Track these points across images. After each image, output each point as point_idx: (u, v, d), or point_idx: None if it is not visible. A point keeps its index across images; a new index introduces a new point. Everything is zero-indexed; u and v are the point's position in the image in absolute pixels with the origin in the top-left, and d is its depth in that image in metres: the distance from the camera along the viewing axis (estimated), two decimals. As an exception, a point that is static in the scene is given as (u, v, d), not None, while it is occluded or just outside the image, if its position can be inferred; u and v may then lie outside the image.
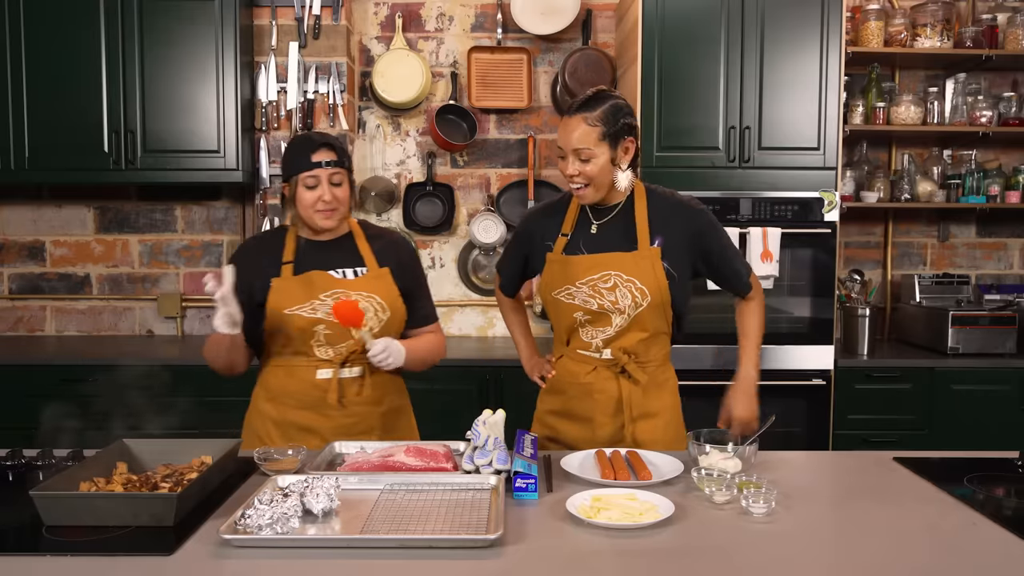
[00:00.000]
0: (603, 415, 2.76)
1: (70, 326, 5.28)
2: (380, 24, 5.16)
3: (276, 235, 2.82)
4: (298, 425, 2.73)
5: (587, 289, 2.69)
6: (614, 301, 2.67)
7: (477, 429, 2.24)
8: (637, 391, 2.75)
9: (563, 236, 2.78)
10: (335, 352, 2.69)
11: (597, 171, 2.62)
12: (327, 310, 2.63)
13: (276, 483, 2.10)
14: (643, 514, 1.97)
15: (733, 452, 2.34)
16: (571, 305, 2.73)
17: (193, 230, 5.22)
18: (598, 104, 2.62)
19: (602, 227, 2.75)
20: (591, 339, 2.75)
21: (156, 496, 1.94)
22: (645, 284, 2.65)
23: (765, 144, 4.39)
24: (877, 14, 4.73)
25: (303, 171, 2.62)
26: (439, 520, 1.94)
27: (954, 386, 4.47)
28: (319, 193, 2.62)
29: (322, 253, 2.75)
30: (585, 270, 2.70)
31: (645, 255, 2.67)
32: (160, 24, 4.56)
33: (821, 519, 2.09)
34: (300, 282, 2.67)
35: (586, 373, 2.78)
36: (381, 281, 2.74)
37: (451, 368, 4.38)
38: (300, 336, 2.66)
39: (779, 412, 2.74)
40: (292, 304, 2.64)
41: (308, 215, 2.67)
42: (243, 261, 2.70)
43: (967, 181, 4.96)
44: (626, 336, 2.72)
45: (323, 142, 2.66)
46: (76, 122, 4.57)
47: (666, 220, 2.72)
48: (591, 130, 2.60)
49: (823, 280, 4.43)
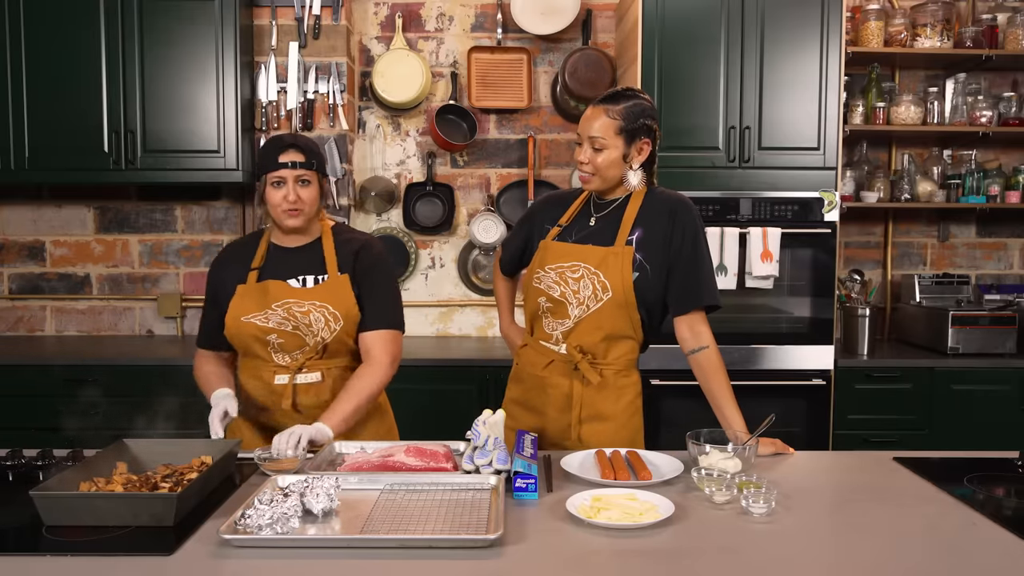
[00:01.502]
0: (554, 410, 2.78)
1: (70, 326, 5.28)
2: (380, 24, 5.16)
3: (252, 240, 2.87)
4: (264, 426, 2.79)
5: (554, 275, 2.72)
6: (576, 291, 2.69)
7: (477, 429, 2.24)
8: (589, 391, 2.75)
9: (558, 226, 2.82)
10: (291, 359, 2.72)
11: (606, 163, 2.67)
12: (278, 320, 2.66)
13: (276, 483, 2.10)
14: (643, 514, 1.97)
15: (733, 452, 2.34)
16: (538, 289, 2.77)
17: (193, 230, 5.22)
18: (623, 100, 2.67)
19: (600, 220, 2.77)
20: (552, 331, 2.78)
21: (156, 496, 1.94)
22: (608, 279, 2.66)
23: (765, 144, 4.39)
24: (877, 14, 4.73)
25: (270, 171, 2.66)
26: (439, 520, 1.94)
27: (954, 386, 4.47)
28: (284, 192, 2.65)
29: (289, 259, 2.78)
30: (557, 256, 2.74)
31: (617, 252, 2.68)
32: (160, 24, 4.55)
33: (821, 519, 2.09)
34: (257, 290, 2.72)
35: (543, 366, 2.81)
36: (338, 289, 2.72)
37: (451, 368, 4.39)
38: (255, 342, 2.70)
39: (779, 412, 2.74)
40: (247, 312, 2.69)
41: (276, 214, 2.70)
42: (217, 271, 2.85)
43: (967, 181, 4.96)
44: (584, 332, 2.72)
45: (291, 143, 2.68)
46: (76, 122, 4.57)
47: (651, 213, 2.73)
48: (610, 122, 2.65)
49: (823, 280, 4.44)
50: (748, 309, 4.45)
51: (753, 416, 2.60)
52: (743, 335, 4.43)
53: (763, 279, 4.34)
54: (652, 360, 4.16)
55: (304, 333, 2.68)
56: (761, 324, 4.46)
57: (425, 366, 4.39)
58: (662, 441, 4.20)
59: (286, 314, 2.66)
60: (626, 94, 2.68)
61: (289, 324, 2.66)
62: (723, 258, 4.32)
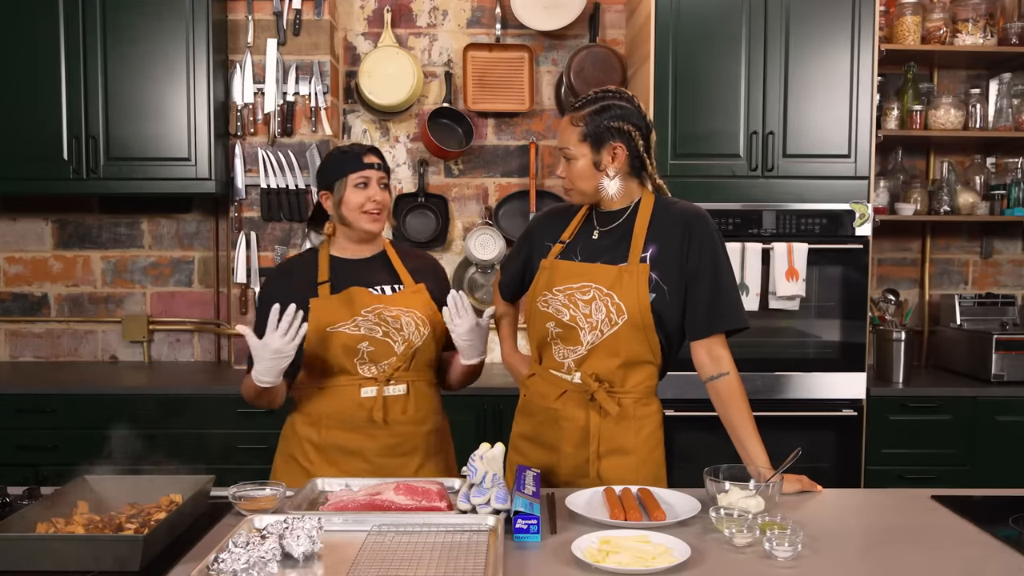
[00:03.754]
0: (569, 445, 2.76)
1: (26, 351, 5.28)
2: (367, 19, 5.19)
3: (308, 257, 2.98)
4: (342, 448, 2.82)
5: (563, 297, 2.72)
6: (587, 314, 2.68)
7: (474, 464, 2.25)
8: (607, 423, 2.73)
9: (560, 243, 2.84)
10: (379, 370, 2.81)
11: (577, 174, 2.71)
12: (369, 326, 2.77)
13: (252, 524, 2.11)
14: (656, 558, 1.97)
15: (755, 490, 2.34)
16: (545, 314, 2.77)
17: (161, 245, 5.23)
18: (588, 104, 2.71)
19: (604, 235, 2.78)
20: (563, 359, 2.76)
21: (120, 538, 1.95)
22: (623, 300, 2.65)
23: (790, 151, 4.41)
24: (914, 8, 4.75)
25: (355, 171, 2.82)
26: (432, 565, 1.94)
27: (998, 417, 4.48)
28: (370, 193, 2.83)
29: (358, 271, 2.92)
30: (565, 277, 2.74)
31: (632, 270, 2.67)
32: (125, 19, 4.58)
33: (852, 563, 2.09)
34: (340, 300, 2.82)
35: (555, 397, 2.78)
36: (419, 296, 2.90)
37: (445, 397, 4.38)
38: (343, 354, 2.78)
39: (806, 445, 2.74)
40: (334, 322, 2.78)
41: (355, 217, 2.84)
42: (277, 287, 2.90)
43: (1012, 191, 4.97)
44: (598, 359, 2.71)
45: (371, 148, 2.89)
46: (32, 127, 4.58)
47: (664, 227, 2.72)
48: (574, 130, 2.70)
49: (854, 301, 4.45)
50: (772, 332, 4.46)
51: (778, 450, 2.60)
52: (766, 361, 4.44)
53: (788, 299, 4.35)
54: (667, 389, 4.14)
55: (395, 340, 2.79)
56: (786, 349, 4.47)
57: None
58: (677, 477, 4.15)
59: (377, 319, 2.79)
60: (595, 96, 2.72)
61: (380, 330, 2.78)
62: (744, 276, 4.33)
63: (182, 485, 2.34)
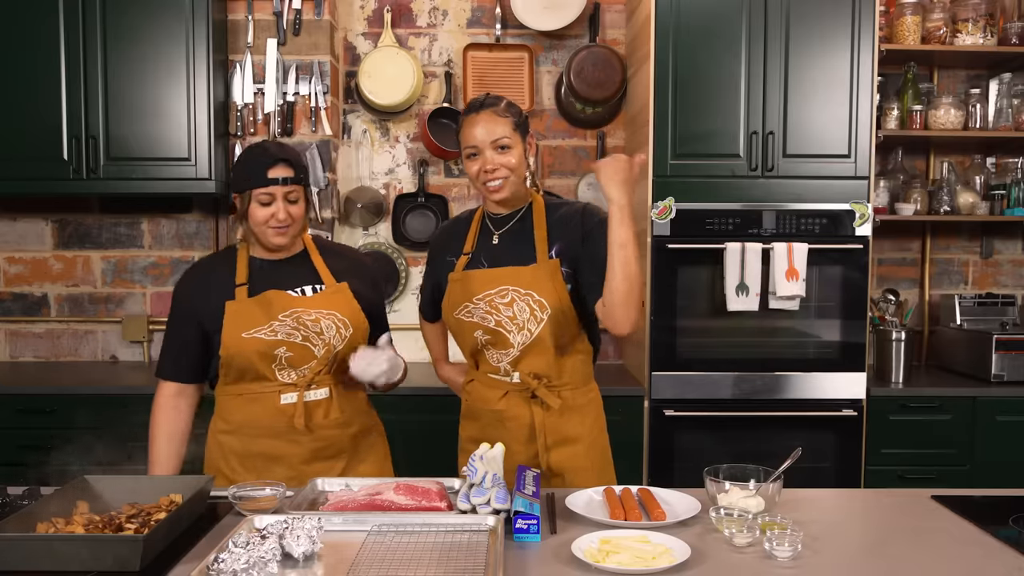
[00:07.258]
0: (517, 443, 2.84)
1: (26, 351, 5.28)
2: (367, 19, 5.20)
3: (226, 256, 2.89)
4: (265, 455, 2.78)
5: (484, 305, 2.80)
6: (512, 317, 2.77)
7: (474, 465, 2.25)
8: (551, 416, 2.84)
9: (464, 255, 2.91)
10: (298, 375, 2.74)
11: (518, 161, 2.79)
12: (287, 331, 2.70)
13: (252, 524, 2.11)
14: (656, 558, 1.98)
15: (755, 490, 2.34)
16: (471, 323, 2.84)
17: (161, 246, 5.23)
18: (499, 100, 2.83)
19: (503, 237, 2.87)
20: (498, 362, 2.86)
21: (121, 538, 1.95)
22: (544, 296, 2.75)
23: (790, 151, 4.41)
24: (914, 8, 4.75)
25: (258, 187, 2.68)
26: (432, 565, 1.95)
27: (999, 417, 4.48)
28: (273, 211, 2.69)
29: (277, 272, 2.82)
30: (482, 284, 2.81)
31: (543, 267, 2.77)
32: (125, 20, 4.57)
33: (852, 563, 2.09)
34: (257, 303, 2.74)
35: (498, 399, 2.88)
36: (340, 296, 2.82)
37: (445, 397, 4.37)
38: (260, 360, 2.71)
39: (806, 445, 2.74)
40: (250, 327, 2.70)
41: (260, 231, 2.74)
42: (190, 289, 2.84)
43: (1013, 192, 4.97)
44: (533, 357, 2.80)
45: (281, 156, 2.71)
46: (32, 127, 4.57)
47: (562, 224, 2.83)
48: (505, 120, 2.78)
49: (854, 301, 4.45)
50: (771, 333, 4.46)
51: (778, 450, 2.61)
52: (766, 361, 4.44)
53: (788, 299, 4.35)
54: (665, 389, 4.18)
55: (314, 344, 2.72)
56: (786, 349, 4.47)
57: (416, 395, 4.40)
58: (676, 477, 4.20)
59: (295, 324, 2.71)
60: (496, 96, 2.84)
61: (299, 335, 2.71)
62: (744, 276, 4.33)
63: (182, 485, 2.34)
